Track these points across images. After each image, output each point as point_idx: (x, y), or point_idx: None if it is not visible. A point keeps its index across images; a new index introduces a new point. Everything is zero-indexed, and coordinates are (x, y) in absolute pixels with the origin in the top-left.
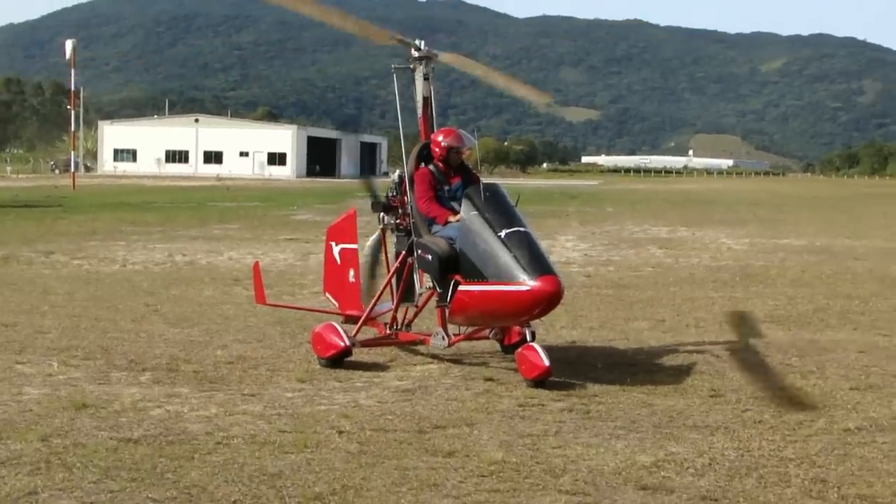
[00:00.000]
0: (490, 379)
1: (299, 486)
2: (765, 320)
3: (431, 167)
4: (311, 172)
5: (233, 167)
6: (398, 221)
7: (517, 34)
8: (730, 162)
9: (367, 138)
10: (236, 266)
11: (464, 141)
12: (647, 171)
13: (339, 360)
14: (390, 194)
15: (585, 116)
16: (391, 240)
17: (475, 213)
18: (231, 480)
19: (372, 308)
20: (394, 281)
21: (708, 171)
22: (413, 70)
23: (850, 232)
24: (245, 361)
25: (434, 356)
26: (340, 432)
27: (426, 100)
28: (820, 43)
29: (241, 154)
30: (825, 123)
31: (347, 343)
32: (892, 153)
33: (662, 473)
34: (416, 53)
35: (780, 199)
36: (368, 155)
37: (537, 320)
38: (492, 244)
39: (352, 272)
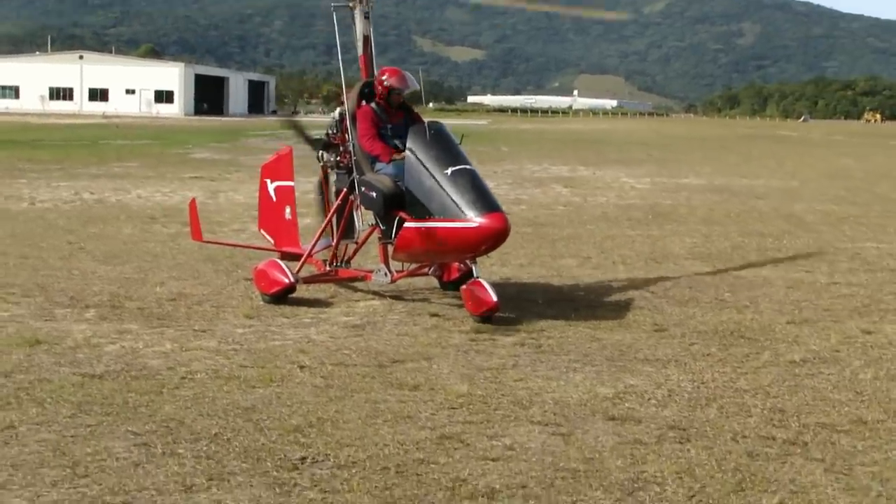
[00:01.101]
0: (436, 314)
1: (275, 419)
2: (687, 257)
3: (373, 105)
4: (198, 111)
5: (119, 105)
6: (339, 159)
7: None
8: (614, 102)
9: (255, 76)
10: (147, 204)
11: (407, 81)
12: (533, 110)
13: (283, 296)
14: (331, 132)
15: (470, 56)
16: (331, 177)
17: (421, 150)
18: (206, 414)
19: (314, 245)
20: (334, 218)
21: (593, 112)
22: (352, 8)
23: (743, 172)
24: (187, 298)
25: (375, 292)
26: (302, 367)
27: (366, 38)
28: None
29: (128, 92)
30: (706, 65)
31: (292, 279)
32: (771, 94)
33: (626, 405)
34: None
35: (669, 139)
36: (256, 93)
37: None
38: (438, 181)
39: (288, 209)
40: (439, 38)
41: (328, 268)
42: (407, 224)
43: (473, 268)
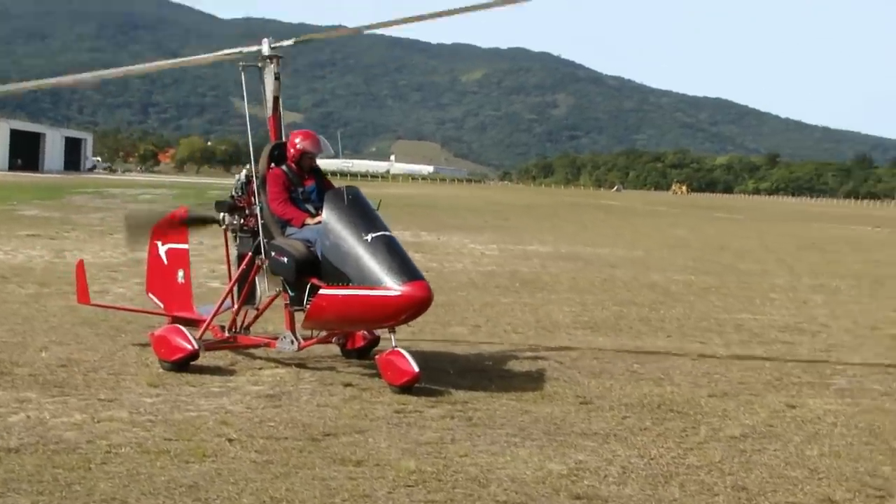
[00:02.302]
0: (349, 384)
1: (225, 499)
2: (575, 326)
3: (285, 168)
4: (12, 166)
5: None
6: (243, 222)
7: (221, 34)
8: (430, 168)
9: (71, 133)
10: None
11: (321, 146)
12: (351, 174)
13: (185, 363)
14: (235, 194)
15: (289, 119)
16: (232, 241)
17: (338, 215)
18: (148, 493)
19: (218, 310)
20: (237, 283)
21: (412, 177)
22: (261, 69)
23: (585, 240)
24: (79, 364)
25: (276, 360)
26: (230, 440)
27: (276, 99)
28: (517, 56)
29: None
30: (521, 134)
31: (195, 346)
32: (584, 164)
33: (586, 482)
34: (265, 52)
35: (497, 205)
36: (72, 150)
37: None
38: (356, 248)
39: (181, 273)
40: (257, 100)
41: (227, 334)
42: (322, 291)
43: (392, 337)
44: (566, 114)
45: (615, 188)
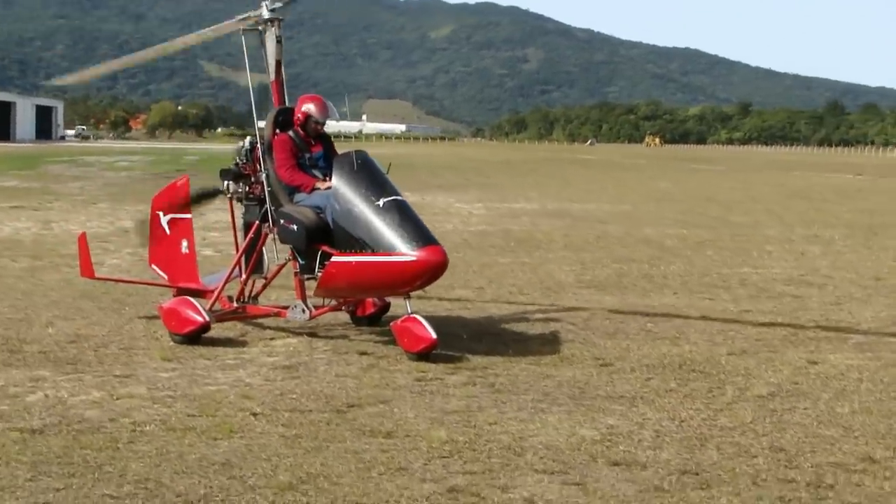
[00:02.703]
0: (365, 353)
1: (261, 476)
2: (579, 286)
3: (291, 133)
4: None
5: None
6: (249, 190)
7: None
8: (402, 127)
9: (42, 101)
10: None
11: (328, 111)
12: None
13: (197, 336)
14: (240, 161)
15: (257, 81)
16: (238, 209)
17: (348, 180)
18: (182, 472)
19: (227, 280)
20: (244, 252)
21: (385, 136)
22: (262, 32)
23: (570, 195)
24: (88, 340)
25: (286, 329)
26: (254, 414)
27: (279, 63)
28: (486, 11)
29: None
30: (492, 89)
31: (206, 318)
32: (557, 118)
33: (621, 448)
34: (266, 14)
35: (474, 162)
36: (44, 118)
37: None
38: (367, 213)
39: (185, 243)
40: (226, 62)
41: (235, 304)
42: (334, 258)
43: (407, 303)
44: (537, 68)
45: (589, 142)
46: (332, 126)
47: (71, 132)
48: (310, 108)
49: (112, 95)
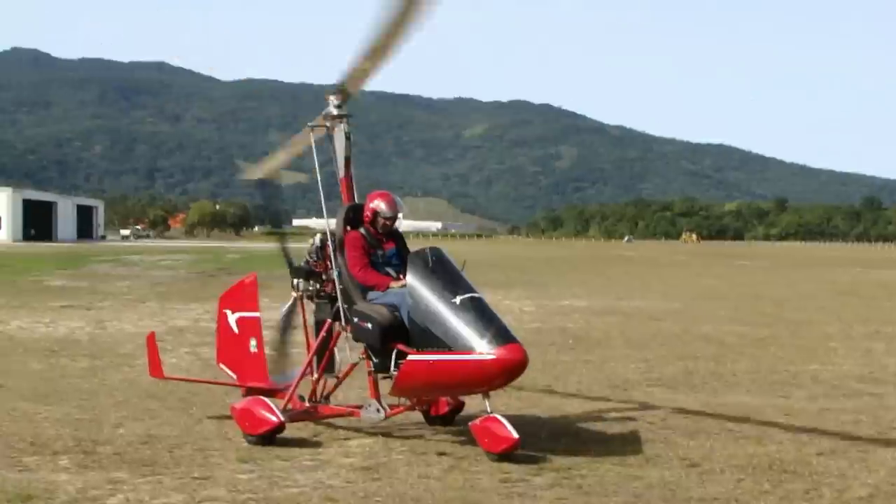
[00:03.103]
0: (443, 453)
1: None
2: (647, 383)
3: (362, 230)
4: (27, 236)
5: None
6: (320, 288)
7: (223, 97)
8: (438, 224)
9: (83, 201)
10: (34, 336)
11: (397, 206)
12: None
13: (271, 436)
14: (311, 259)
15: (294, 180)
16: (307, 308)
17: (423, 278)
18: None
19: (300, 380)
20: (312, 350)
21: (422, 234)
22: (330, 129)
23: (617, 293)
24: (160, 441)
25: (360, 429)
26: None
27: (347, 160)
28: (519, 109)
29: None
30: (527, 187)
31: (281, 418)
32: (593, 215)
33: None
34: (334, 112)
35: (516, 259)
36: (84, 218)
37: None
38: (445, 311)
39: (253, 341)
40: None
41: (307, 404)
42: (410, 357)
43: (486, 403)
44: (570, 165)
45: (626, 239)
46: None
47: (126, 231)
48: (378, 204)
49: (150, 194)
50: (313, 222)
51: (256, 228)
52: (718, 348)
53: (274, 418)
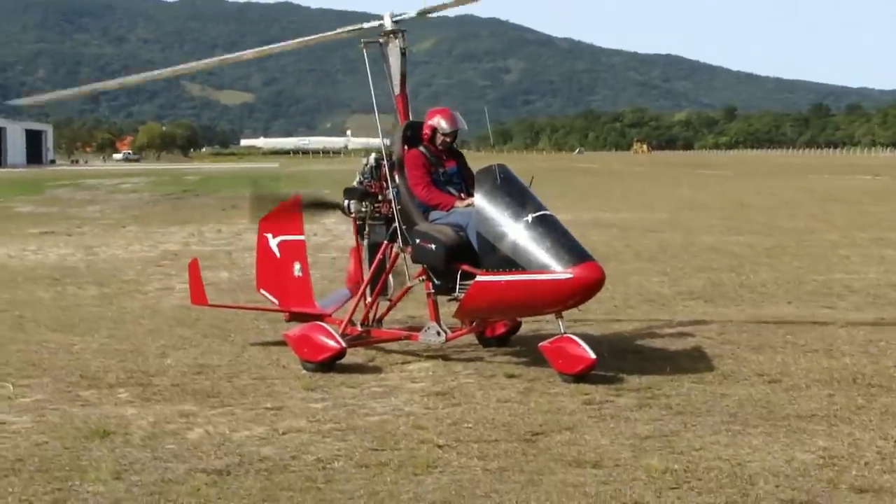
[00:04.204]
0: (512, 375)
1: None
2: (682, 297)
3: (422, 149)
4: None
5: None
6: (375, 209)
7: (168, 17)
8: (387, 141)
9: (32, 126)
10: (27, 265)
11: (457, 122)
12: (306, 152)
13: (331, 363)
14: (365, 179)
15: (241, 100)
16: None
17: (492, 196)
18: None
19: (358, 303)
20: (368, 274)
21: (368, 151)
22: (383, 45)
23: (598, 205)
24: (213, 370)
25: (413, 352)
26: (439, 446)
27: (403, 76)
28: (466, 23)
29: None
30: (475, 101)
31: (342, 344)
32: (542, 128)
33: (853, 472)
34: (388, 26)
35: None
36: (34, 143)
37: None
38: (516, 230)
39: (297, 265)
40: (208, 82)
41: (360, 328)
42: (479, 278)
43: (560, 323)
44: (519, 78)
45: (576, 151)
46: (317, 141)
47: (119, 156)
48: (438, 121)
49: (95, 118)
50: (261, 142)
51: (204, 149)
52: (732, 259)
53: (335, 344)
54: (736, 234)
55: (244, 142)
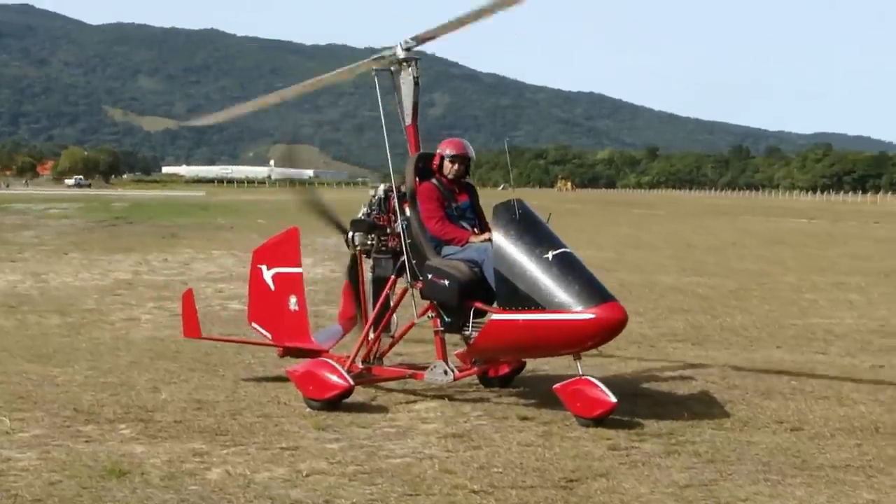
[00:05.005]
0: (525, 418)
1: None
2: (668, 339)
3: (435, 181)
4: None
5: None
6: (382, 241)
7: (91, 41)
8: (310, 172)
9: None
10: None
11: (467, 149)
12: (230, 181)
13: (338, 401)
14: (372, 212)
15: (163, 126)
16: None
17: (512, 232)
18: None
19: (365, 337)
20: (370, 309)
21: (292, 182)
22: (395, 73)
23: None
24: (212, 407)
25: (413, 391)
26: (474, 492)
27: (415, 105)
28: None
29: None
30: (399, 134)
31: (350, 382)
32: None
33: None
34: (401, 55)
35: None
36: None
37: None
38: (535, 268)
39: (294, 299)
40: (131, 107)
41: (361, 365)
42: (495, 316)
43: (578, 365)
44: (443, 112)
45: (501, 187)
46: (240, 171)
47: (70, 181)
48: (445, 148)
49: (14, 141)
50: (183, 169)
51: (125, 175)
52: (700, 301)
53: (342, 382)
54: (693, 274)
55: (166, 169)
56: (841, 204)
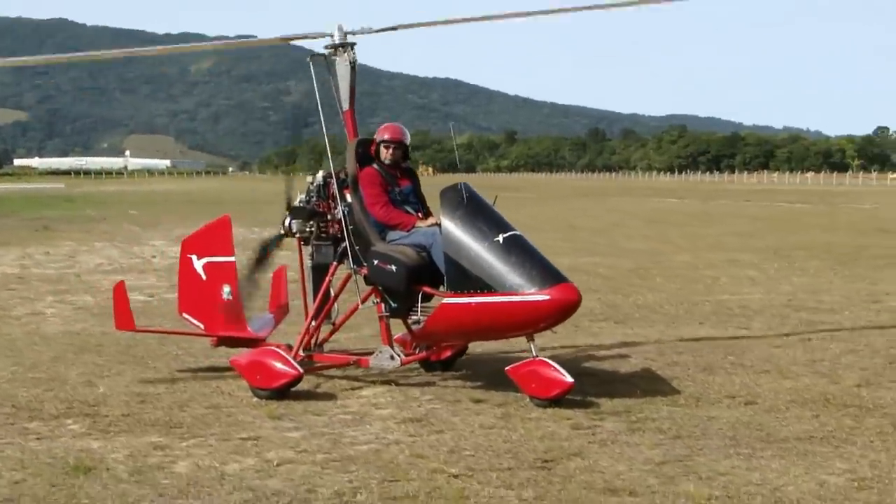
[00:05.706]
0: (478, 400)
1: None
2: (589, 319)
3: (377, 166)
4: None
5: None
6: (322, 229)
7: None
8: (167, 162)
9: None
10: None
11: (402, 134)
12: (86, 172)
13: (287, 390)
14: (311, 198)
15: (13, 118)
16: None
17: (461, 216)
18: None
19: (309, 325)
20: (310, 297)
21: (149, 172)
22: (329, 58)
23: None
24: (157, 399)
25: (355, 377)
26: (454, 476)
27: (352, 90)
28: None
29: None
30: (256, 122)
31: (300, 370)
32: (322, 151)
33: (875, 498)
34: (337, 40)
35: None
36: None
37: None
38: (486, 251)
39: (227, 288)
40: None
41: (302, 353)
42: (446, 300)
43: (532, 346)
44: (300, 100)
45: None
46: (95, 162)
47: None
48: (382, 133)
49: None
50: (36, 162)
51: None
52: (605, 281)
53: (290, 370)
54: (588, 255)
55: (17, 161)
56: (702, 183)
